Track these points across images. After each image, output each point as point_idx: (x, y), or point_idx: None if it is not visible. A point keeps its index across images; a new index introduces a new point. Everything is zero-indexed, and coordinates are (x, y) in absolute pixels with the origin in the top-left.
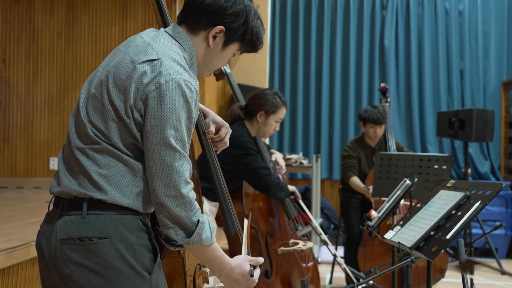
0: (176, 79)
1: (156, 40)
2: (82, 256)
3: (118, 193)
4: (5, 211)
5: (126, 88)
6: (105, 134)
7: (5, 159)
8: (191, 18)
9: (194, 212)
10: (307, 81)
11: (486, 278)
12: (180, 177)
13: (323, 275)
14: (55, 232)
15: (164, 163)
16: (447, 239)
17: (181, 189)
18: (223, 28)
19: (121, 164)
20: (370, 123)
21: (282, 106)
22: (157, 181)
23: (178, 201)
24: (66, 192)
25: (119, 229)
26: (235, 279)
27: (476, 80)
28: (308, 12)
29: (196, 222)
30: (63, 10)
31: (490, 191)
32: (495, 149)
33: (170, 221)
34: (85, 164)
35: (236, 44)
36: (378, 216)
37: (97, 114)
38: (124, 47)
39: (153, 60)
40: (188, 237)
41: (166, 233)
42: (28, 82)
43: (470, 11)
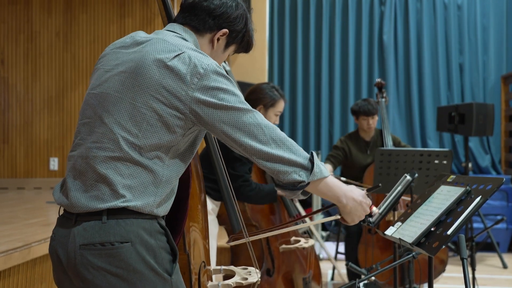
0: (209, 64)
1: (166, 36)
2: (104, 261)
3: (140, 202)
4: (5, 212)
5: (164, 87)
6: (133, 142)
7: (5, 160)
8: (196, 21)
9: (301, 149)
10: (307, 78)
11: (488, 272)
12: (270, 128)
13: (324, 271)
14: (73, 237)
15: (251, 126)
16: (448, 235)
17: (280, 136)
18: (227, 31)
19: (145, 173)
20: (362, 115)
21: (280, 99)
22: (256, 144)
23: (284, 147)
24: (79, 208)
25: (139, 233)
26: (359, 200)
27: (475, 74)
28: (306, 9)
29: (309, 156)
30: (61, 10)
31: (490, 185)
32: (495, 143)
33: (288, 166)
34: (107, 175)
35: (234, 45)
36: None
37: (127, 117)
38: (126, 48)
39: (180, 54)
40: (310, 171)
41: (289, 179)
42: (26, 82)
43: (468, 5)
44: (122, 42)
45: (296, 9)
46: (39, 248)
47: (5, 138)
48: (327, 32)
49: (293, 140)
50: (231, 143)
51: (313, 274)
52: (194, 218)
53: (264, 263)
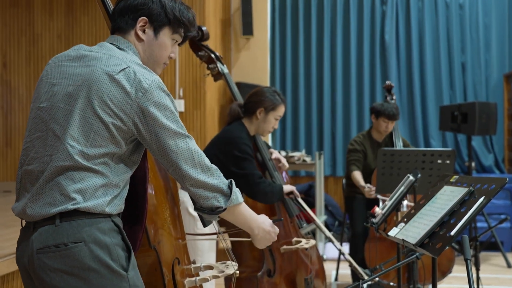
0: (152, 80)
1: (111, 50)
2: (59, 262)
3: (91, 203)
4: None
5: (111, 100)
6: (82, 150)
7: (8, 163)
8: (118, 24)
9: (221, 176)
10: (308, 78)
11: (492, 271)
12: (200, 154)
13: (328, 272)
14: (31, 243)
15: (183, 150)
16: (451, 236)
17: (206, 162)
18: (145, 18)
19: (95, 176)
20: (384, 117)
21: (281, 103)
22: (184, 166)
23: (208, 173)
24: (34, 217)
25: (92, 232)
26: (267, 230)
27: (478, 73)
28: (308, 9)
29: (228, 183)
30: (62, 13)
31: (494, 186)
32: (498, 142)
33: (209, 192)
34: (60, 181)
35: (166, 28)
36: (382, 213)
37: (76, 128)
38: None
39: (125, 68)
40: (228, 197)
41: (209, 204)
42: (29, 85)
43: (470, 4)
44: (66, 56)
45: (297, 9)
46: None
47: (8, 141)
48: (329, 32)
49: (216, 167)
50: (162, 160)
51: (316, 275)
52: (159, 215)
53: (265, 264)
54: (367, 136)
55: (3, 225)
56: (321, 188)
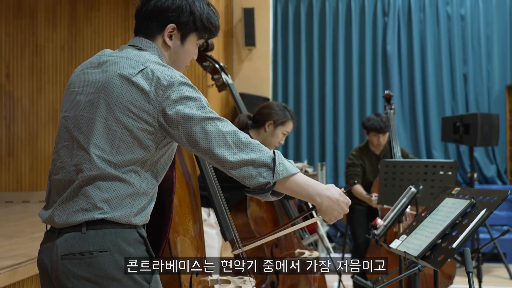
0: (172, 75)
1: (128, 53)
2: (83, 270)
3: (118, 213)
4: (11, 226)
5: (132, 103)
6: (108, 159)
7: (10, 173)
8: (143, 27)
9: (265, 149)
10: (311, 89)
11: (495, 283)
12: (233, 133)
13: (330, 283)
14: (56, 248)
15: (213, 134)
16: (453, 248)
17: (241, 139)
18: (174, 25)
19: (122, 186)
20: (373, 131)
21: (290, 120)
22: (218, 151)
23: (247, 149)
24: (60, 225)
25: (118, 242)
26: (335, 199)
27: (480, 84)
28: (310, 20)
29: (271, 154)
30: (65, 24)
31: (495, 198)
32: (500, 153)
33: (252, 168)
34: (87, 191)
35: (193, 35)
36: (384, 224)
37: (100, 136)
38: (93, 68)
39: (143, 70)
40: (273, 171)
41: (255, 183)
42: (32, 96)
43: (472, 15)
44: (90, 63)
45: (299, 21)
46: None
47: (10, 152)
48: (331, 43)
49: (257, 141)
50: (197, 153)
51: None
52: (183, 226)
53: (268, 276)
54: (364, 149)
55: (5, 235)
56: None
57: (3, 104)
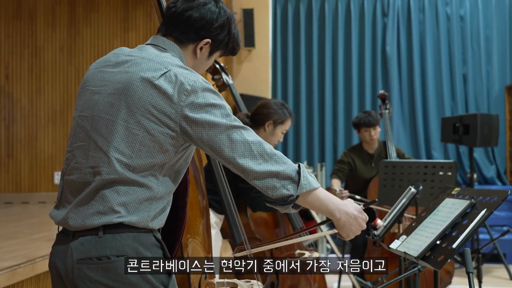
0: (195, 80)
1: (150, 54)
2: (101, 274)
3: (135, 218)
4: (10, 227)
5: (154, 107)
6: (127, 163)
7: (9, 174)
8: (178, 32)
9: (289, 161)
10: (310, 90)
11: (494, 284)
12: (259, 143)
13: (330, 284)
14: (70, 252)
15: (238, 143)
16: (453, 248)
17: (267, 150)
18: (210, 40)
19: (140, 190)
20: (363, 127)
21: (289, 117)
22: (243, 161)
23: (271, 160)
24: (77, 228)
25: (135, 246)
26: (353, 215)
27: (479, 84)
28: (309, 21)
29: (296, 167)
30: (65, 25)
31: (495, 198)
32: (500, 153)
33: (276, 180)
34: (104, 194)
35: (219, 52)
36: (384, 225)
37: (120, 139)
38: (111, 67)
39: (166, 72)
40: (298, 184)
41: (278, 195)
42: (31, 97)
43: (471, 16)
44: (107, 61)
45: (299, 22)
46: (43, 264)
47: (10, 153)
48: (330, 44)
49: (281, 153)
50: (220, 160)
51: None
52: (194, 229)
53: (268, 277)
54: (357, 149)
55: (4, 237)
56: None
57: (3, 105)
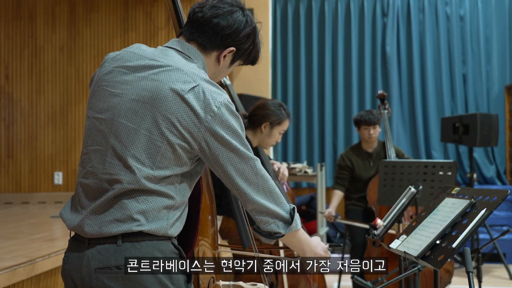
0: (222, 101)
1: (177, 62)
2: (120, 283)
3: (155, 226)
4: (10, 227)
5: (179, 121)
6: (149, 173)
7: (9, 174)
8: (203, 38)
9: (283, 201)
10: (310, 90)
11: (494, 283)
12: (265, 178)
13: (330, 284)
14: (87, 260)
15: (248, 174)
16: (453, 248)
17: (270, 187)
18: (235, 49)
19: (159, 198)
20: (363, 124)
21: (286, 118)
22: (249, 191)
23: (271, 198)
24: (93, 235)
25: (155, 254)
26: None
27: (479, 84)
28: (309, 21)
29: (290, 209)
30: (64, 25)
31: (495, 198)
32: (500, 153)
33: (270, 217)
34: (124, 202)
35: (240, 60)
36: (384, 224)
37: (142, 149)
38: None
39: (194, 87)
40: (288, 225)
41: (268, 229)
42: (31, 97)
43: (471, 16)
44: (126, 60)
45: (298, 22)
46: (43, 264)
47: (10, 153)
48: (330, 44)
49: (279, 192)
50: (227, 182)
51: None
52: (204, 233)
53: (268, 277)
54: (356, 148)
55: (4, 237)
56: (323, 199)
57: (2, 105)
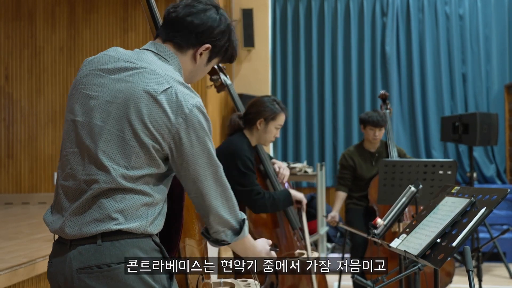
0: (194, 104)
1: (152, 64)
2: (102, 282)
3: (133, 224)
4: (10, 228)
5: (151, 122)
6: (124, 173)
7: (9, 175)
8: (178, 37)
9: (238, 211)
10: (310, 90)
11: (495, 282)
12: (226, 187)
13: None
14: (69, 262)
15: (212, 180)
16: (453, 247)
17: (228, 196)
18: (210, 46)
19: (137, 197)
20: (370, 125)
21: (281, 112)
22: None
23: (227, 207)
24: (74, 236)
25: (134, 252)
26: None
27: (479, 83)
28: (308, 20)
29: (242, 220)
30: (64, 25)
31: (495, 196)
32: (500, 152)
33: (221, 226)
34: (101, 202)
35: (217, 58)
36: (384, 223)
37: (116, 150)
38: (110, 72)
39: (167, 89)
40: (237, 235)
41: (216, 237)
42: (31, 97)
43: (470, 15)
44: (102, 63)
45: (298, 21)
46: (44, 264)
47: (10, 153)
48: (329, 43)
49: (235, 202)
50: (187, 183)
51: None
52: (189, 232)
53: (268, 277)
54: (358, 148)
55: (4, 237)
56: (323, 199)
57: (2, 105)
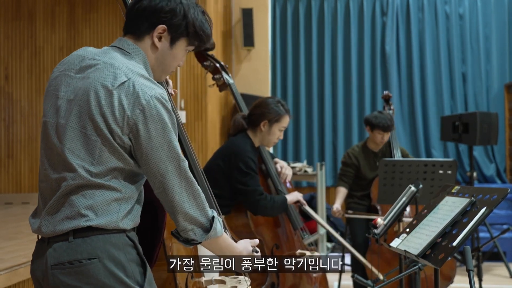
0: (152, 95)
1: (113, 58)
2: (74, 278)
3: (104, 220)
4: (10, 228)
5: (109, 116)
6: (89, 169)
7: (9, 175)
8: (132, 26)
9: (207, 208)
10: (309, 89)
11: (495, 282)
12: (191, 182)
13: (331, 283)
14: (46, 259)
15: (174, 174)
16: (453, 246)
17: (195, 192)
18: (165, 26)
19: (107, 192)
20: (379, 129)
21: (285, 114)
22: (172, 191)
23: (194, 203)
24: (48, 234)
25: (106, 248)
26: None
27: (478, 83)
28: (308, 20)
29: (211, 218)
30: (64, 25)
31: (495, 196)
32: (500, 151)
33: (188, 223)
34: (71, 199)
35: (183, 40)
36: (384, 223)
37: (80, 146)
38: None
39: (124, 82)
40: (206, 233)
41: (186, 235)
42: (31, 97)
43: (470, 14)
44: (71, 64)
45: (298, 21)
46: None
47: (10, 153)
48: (329, 43)
49: (204, 198)
50: (150, 178)
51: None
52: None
53: (269, 277)
54: (362, 148)
55: (4, 237)
56: (323, 198)
57: (2, 106)
